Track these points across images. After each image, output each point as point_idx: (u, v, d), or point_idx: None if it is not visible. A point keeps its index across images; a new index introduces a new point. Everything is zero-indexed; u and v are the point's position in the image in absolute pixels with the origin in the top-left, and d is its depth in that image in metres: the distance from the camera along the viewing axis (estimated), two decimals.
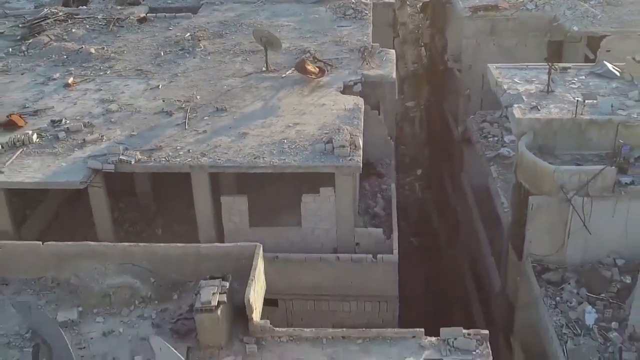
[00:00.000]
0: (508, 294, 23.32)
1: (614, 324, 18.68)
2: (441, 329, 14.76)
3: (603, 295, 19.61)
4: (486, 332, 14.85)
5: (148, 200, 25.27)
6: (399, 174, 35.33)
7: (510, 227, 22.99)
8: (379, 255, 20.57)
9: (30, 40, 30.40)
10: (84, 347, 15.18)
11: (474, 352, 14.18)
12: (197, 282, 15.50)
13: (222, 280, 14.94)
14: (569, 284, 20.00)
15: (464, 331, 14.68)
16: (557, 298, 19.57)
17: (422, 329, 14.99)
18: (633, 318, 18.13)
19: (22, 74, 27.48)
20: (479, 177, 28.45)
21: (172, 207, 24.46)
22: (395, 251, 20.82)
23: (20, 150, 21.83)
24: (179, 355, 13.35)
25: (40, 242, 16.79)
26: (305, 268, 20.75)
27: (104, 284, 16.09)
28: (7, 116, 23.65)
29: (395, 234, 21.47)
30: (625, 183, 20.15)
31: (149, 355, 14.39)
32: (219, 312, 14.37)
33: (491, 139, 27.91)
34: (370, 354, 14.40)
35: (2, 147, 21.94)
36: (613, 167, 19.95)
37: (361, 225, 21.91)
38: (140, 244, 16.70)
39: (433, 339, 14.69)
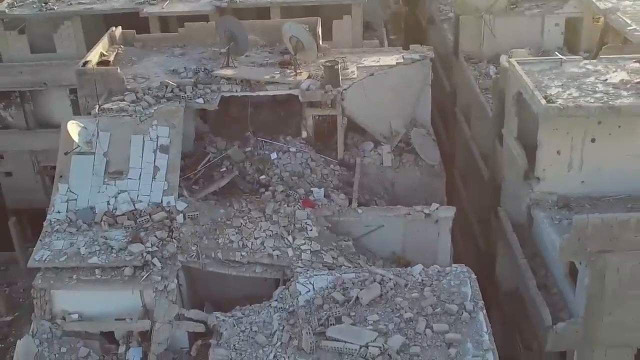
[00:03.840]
0: (453, 91, 39.30)
1: None
2: (410, 45, 30.66)
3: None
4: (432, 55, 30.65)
5: None
6: None
7: (452, 46, 39.03)
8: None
9: None
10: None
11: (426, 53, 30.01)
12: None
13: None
14: (483, 62, 36.08)
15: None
16: (475, 66, 35.65)
17: (400, 47, 30.98)
18: None
19: None
20: (441, 44, 44.37)
21: None
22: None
23: (167, 2, 37.81)
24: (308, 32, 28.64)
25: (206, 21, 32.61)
26: None
27: None
28: None
29: (385, 43, 37.53)
30: (514, 7, 36.45)
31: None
32: None
33: (445, 12, 43.97)
34: (374, 55, 30.32)
35: (156, 1, 37.88)
36: None
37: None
38: (257, 20, 32.72)
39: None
